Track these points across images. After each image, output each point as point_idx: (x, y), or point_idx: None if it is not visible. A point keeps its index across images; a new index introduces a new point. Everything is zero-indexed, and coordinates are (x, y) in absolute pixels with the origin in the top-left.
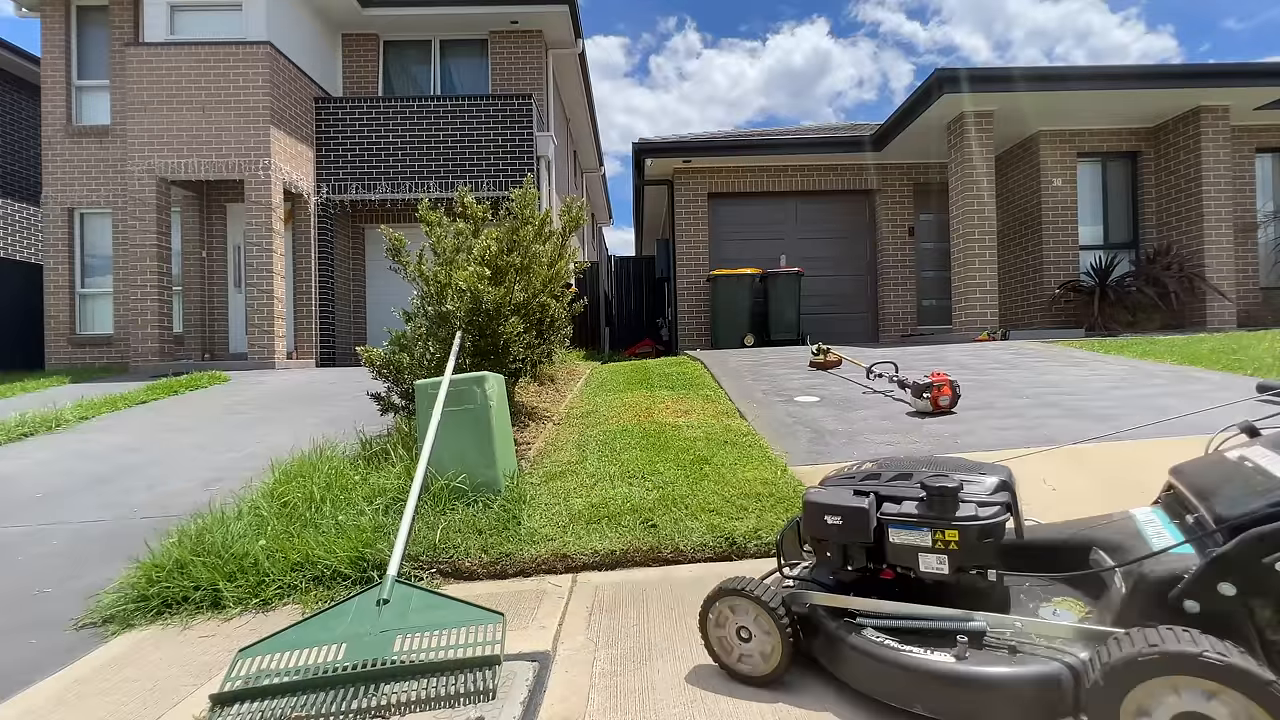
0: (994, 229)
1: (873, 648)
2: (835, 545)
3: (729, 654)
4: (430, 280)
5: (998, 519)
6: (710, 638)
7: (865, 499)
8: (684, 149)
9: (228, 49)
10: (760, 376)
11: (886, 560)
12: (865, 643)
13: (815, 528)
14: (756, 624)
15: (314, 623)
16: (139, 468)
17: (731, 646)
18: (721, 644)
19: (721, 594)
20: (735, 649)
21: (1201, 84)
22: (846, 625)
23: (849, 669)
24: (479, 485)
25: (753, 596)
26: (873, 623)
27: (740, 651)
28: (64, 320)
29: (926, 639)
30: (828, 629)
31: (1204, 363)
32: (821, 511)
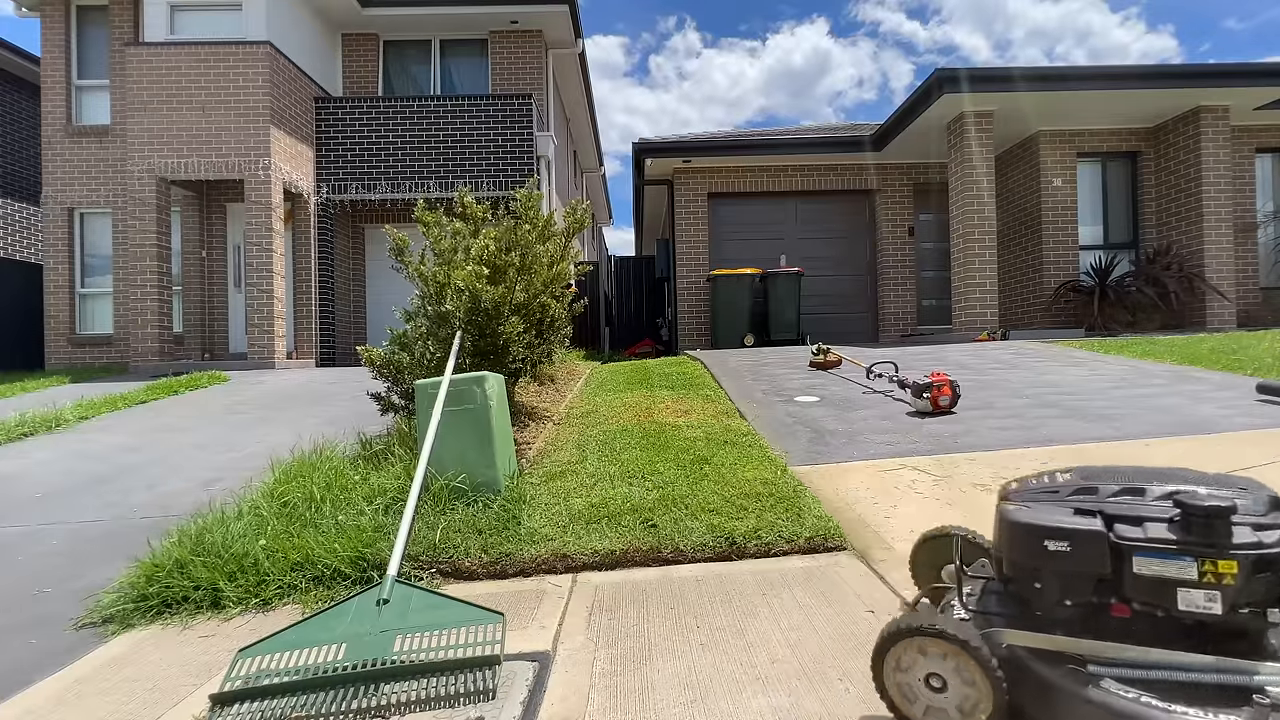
0: (994, 229)
1: (1127, 706)
2: (1051, 576)
3: (912, 704)
4: (430, 280)
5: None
6: (888, 684)
7: (1093, 519)
8: (684, 149)
9: (228, 49)
10: (760, 376)
11: (1124, 595)
12: (1113, 699)
13: (1029, 555)
14: (957, 673)
15: (314, 623)
16: (139, 467)
17: (916, 697)
18: (903, 691)
19: (906, 633)
20: (921, 699)
21: (1201, 84)
22: (1074, 674)
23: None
24: (479, 485)
25: (953, 639)
26: (1113, 672)
27: (928, 704)
28: (64, 320)
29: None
30: (1043, 677)
31: (1204, 363)
32: (1039, 536)
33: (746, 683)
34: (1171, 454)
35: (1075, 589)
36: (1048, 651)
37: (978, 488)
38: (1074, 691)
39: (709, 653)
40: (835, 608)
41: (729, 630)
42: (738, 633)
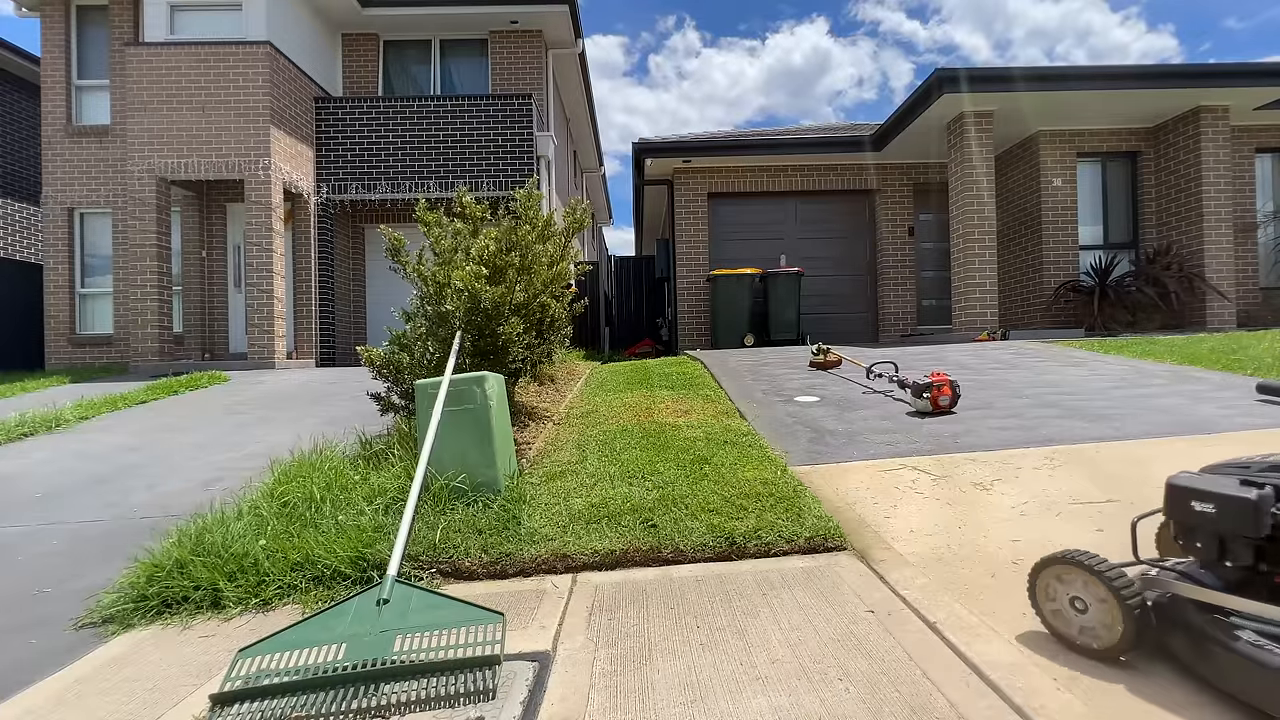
0: (994, 229)
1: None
2: (1209, 537)
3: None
4: (429, 280)
5: None
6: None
7: (1254, 490)
8: (684, 149)
9: (227, 49)
10: (760, 376)
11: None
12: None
13: (1179, 514)
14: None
15: (314, 623)
16: (139, 467)
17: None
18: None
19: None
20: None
21: (1201, 84)
22: (1221, 624)
23: (1223, 671)
24: (479, 485)
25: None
26: (1256, 626)
27: (1077, 623)
28: (64, 320)
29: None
30: (1196, 625)
31: (1204, 363)
32: (1187, 497)
33: (746, 683)
34: (1171, 454)
35: (1235, 552)
36: (1206, 604)
37: (978, 487)
38: (1218, 638)
39: (709, 653)
40: (835, 608)
41: (729, 630)
42: (738, 633)
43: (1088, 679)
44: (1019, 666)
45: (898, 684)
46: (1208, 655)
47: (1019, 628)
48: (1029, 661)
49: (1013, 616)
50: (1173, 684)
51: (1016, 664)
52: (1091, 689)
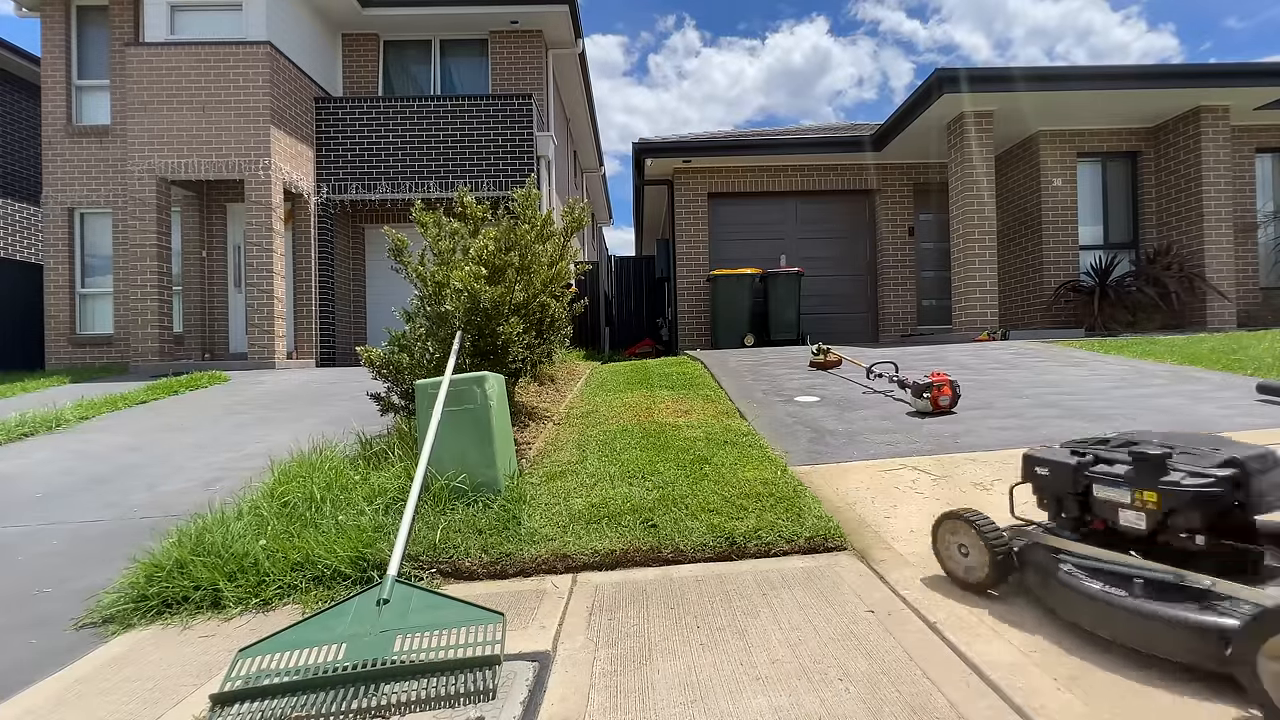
0: (994, 229)
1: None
2: (1050, 495)
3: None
4: (429, 280)
5: (1205, 490)
6: (939, 547)
7: (1076, 458)
8: (684, 149)
9: (228, 49)
10: (760, 376)
11: (1093, 513)
12: (1066, 578)
13: (1031, 478)
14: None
15: (314, 623)
16: (139, 467)
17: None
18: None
19: (946, 519)
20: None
21: (1201, 84)
22: (1053, 562)
23: (1054, 598)
24: (479, 485)
25: (970, 524)
26: (1074, 561)
27: (960, 564)
28: (64, 320)
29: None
30: (1039, 563)
31: (1204, 363)
32: (1032, 464)
33: (746, 683)
34: None
35: (1066, 506)
36: (1044, 546)
37: (978, 487)
38: (1050, 570)
39: (709, 653)
40: (835, 608)
41: (729, 630)
42: (738, 633)
43: (1088, 679)
44: (1019, 666)
45: (898, 684)
46: (1045, 586)
47: (1019, 626)
48: (1029, 661)
49: (1012, 615)
50: (1176, 682)
51: (1016, 664)
52: (1092, 689)
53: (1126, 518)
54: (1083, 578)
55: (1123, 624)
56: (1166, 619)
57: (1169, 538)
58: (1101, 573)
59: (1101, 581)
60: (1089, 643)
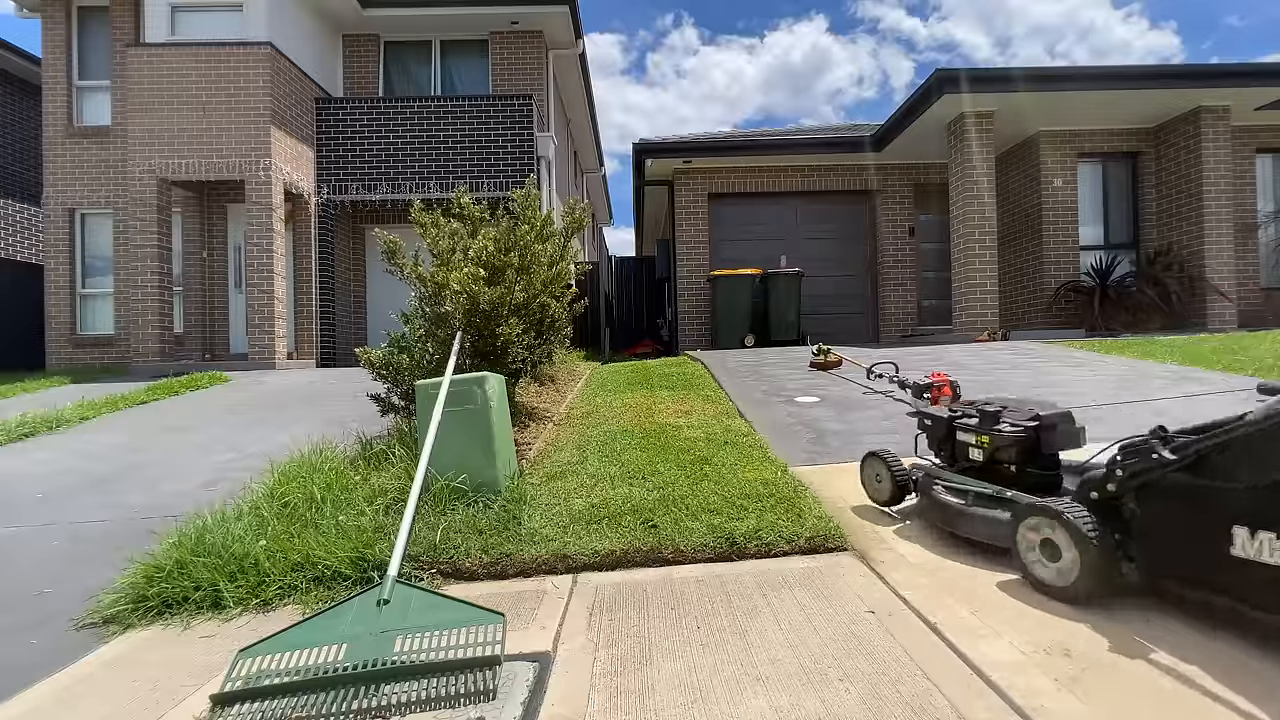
0: (994, 229)
1: (941, 498)
2: (933, 439)
3: (873, 489)
4: (427, 281)
5: (1016, 435)
6: (864, 478)
7: (949, 413)
8: (684, 149)
9: (228, 49)
10: (760, 377)
11: (954, 451)
12: (938, 494)
13: (920, 427)
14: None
15: (314, 623)
16: (140, 468)
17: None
18: (869, 483)
19: (869, 456)
20: (875, 488)
21: (1202, 84)
22: (933, 485)
23: (932, 511)
24: (479, 485)
25: (882, 459)
26: (944, 482)
27: (876, 488)
28: (65, 320)
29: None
30: (925, 487)
31: (1205, 363)
32: (923, 417)
33: (747, 683)
34: None
35: (942, 448)
36: (931, 475)
37: None
38: (927, 490)
39: (709, 653)
40: (836, 608)
41: (729, 631)
42: (738, 633)
43: (1089, 679)
44: (1019, 666)
45: (898, 684)
46: (930, 504)
47: (1018, 626)
48: (1029, 661)
49: (1013, 615)
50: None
51: (1017, 664)
52: (1092, 688)
53: (973, 454)
54: (945, 494)
55: (964, 522)
56: (984, 517)
57: (998, 466)
58: (957, 490)
59: (956, 496)
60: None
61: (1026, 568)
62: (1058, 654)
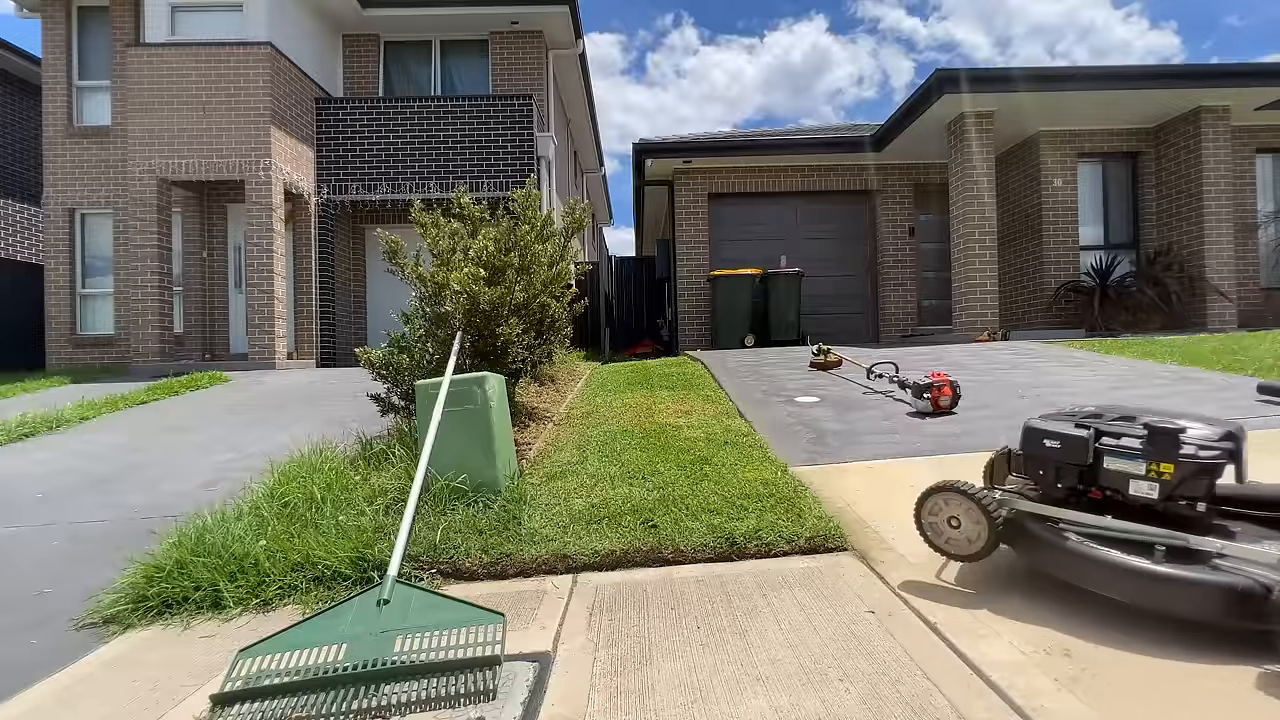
0: (994, 229)
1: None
2: (1050, 466)
3: (948, 537)
4: (427, 281)
5: (1214, 461)
6: (926, 523)
7: (1087, 430)
8: (684, 149)
9: (228, 49)
10: (761, 377)
11: (1099, 483)
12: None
13: (1033, 449)
14: (967, 515)
15: (314, 623)
16: (140, 468)
17: (941, 530)
18: (938, 528)
19: (937, 490)
20: (951, 534)
21: (1202, 84)
22: (1052, 529)
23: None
24: (479, 485)
25: (964, 495)
26: (1077, 530)
27: (953, 535)
28: (65, 320)
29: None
30: (1033, 531)
31: (1205, 363)
32: (1041, 436)
33: (747, 683)
34: None
35: (1065, 476)
36: (1040, 515)
37: None
38: (1048, 539)
39: (709, 653)
40: (836, 608)
41: (729, 631)
42: (738, 633)
43: (1089, 679)
44: (1019, 666)
45: (898, 684)
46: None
47: (1019, 625)
48: (1029, 662)
49: (1013, 614)
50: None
51: (1017, 664)
52: (1092, 688)
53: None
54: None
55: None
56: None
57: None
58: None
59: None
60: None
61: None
62: (1058, 654)
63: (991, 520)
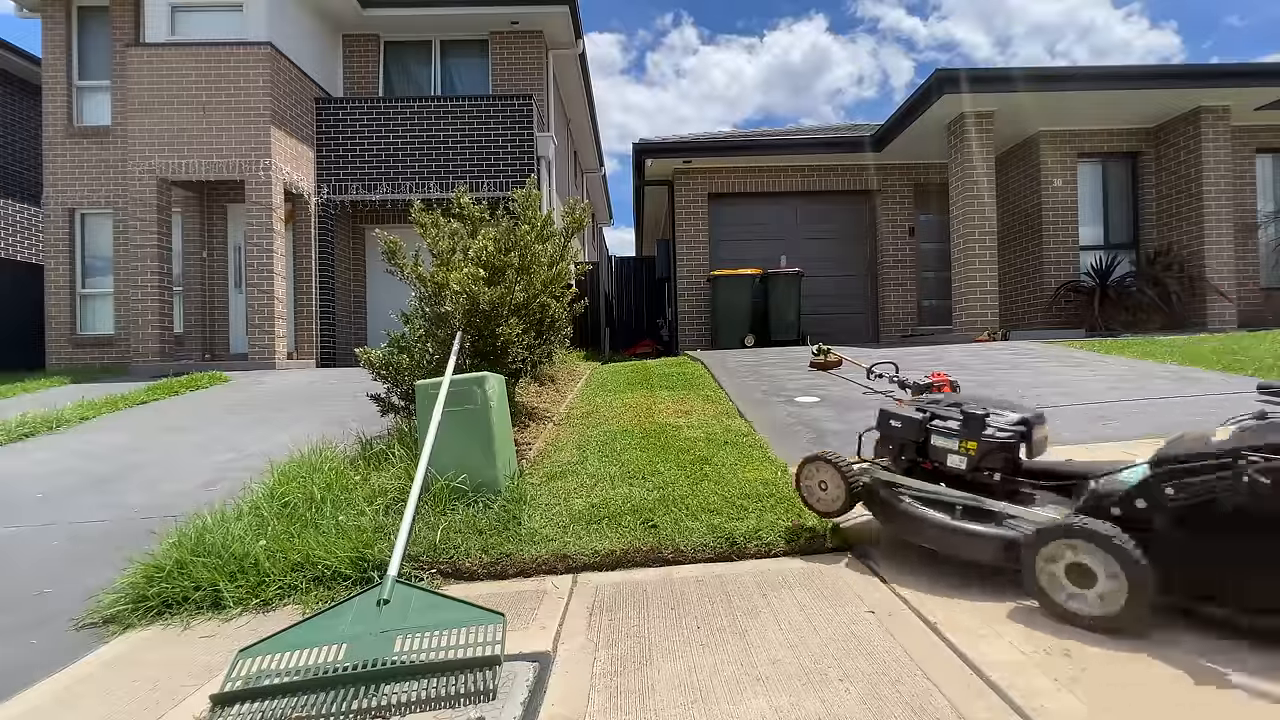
0: (994, 229)
1: (908, 508)
2: (896, 442)
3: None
4: (427, 281)
5: (1008, 440)
6: (803, 485)
7: (923, 414)
8: (684, 149)
9: (228, 49)
10: (760, 377)
11: (929, 457)
12: (906, 506)
13: (884, 429)
14: (833, 480)
15: (314, 623)
16: (140, 468)
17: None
18: (811, 491)
19: (811, 460)
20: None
21: (1202, 84)
22: (893, 493)
23: (894, 522)
24: (479, 485)
25: (830, 464)
26: (910, 494)
27: (820, 497)
28: (65, 320)
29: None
30: (882, 496)
31: (1205, 363)
32: (889, 418)
33: (747, 683)
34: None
35: (906, 451)
36: (886, 482)
37: None
38: (891, 502)
39: (709, 653)
40: (836, 608)
41: (729, 631)
42: (738, 633)
43: (1088, 679)
44: (1019, 666)
45: (898, 684)
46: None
47: (1018, 624)
48: (1029, 661)
49: (1013, 613)
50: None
51: (1016, 664)
52: (1091, 688)
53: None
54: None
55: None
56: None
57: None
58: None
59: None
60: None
61: (1046, 593)
62: (1058, 654)
63: (849, 485)
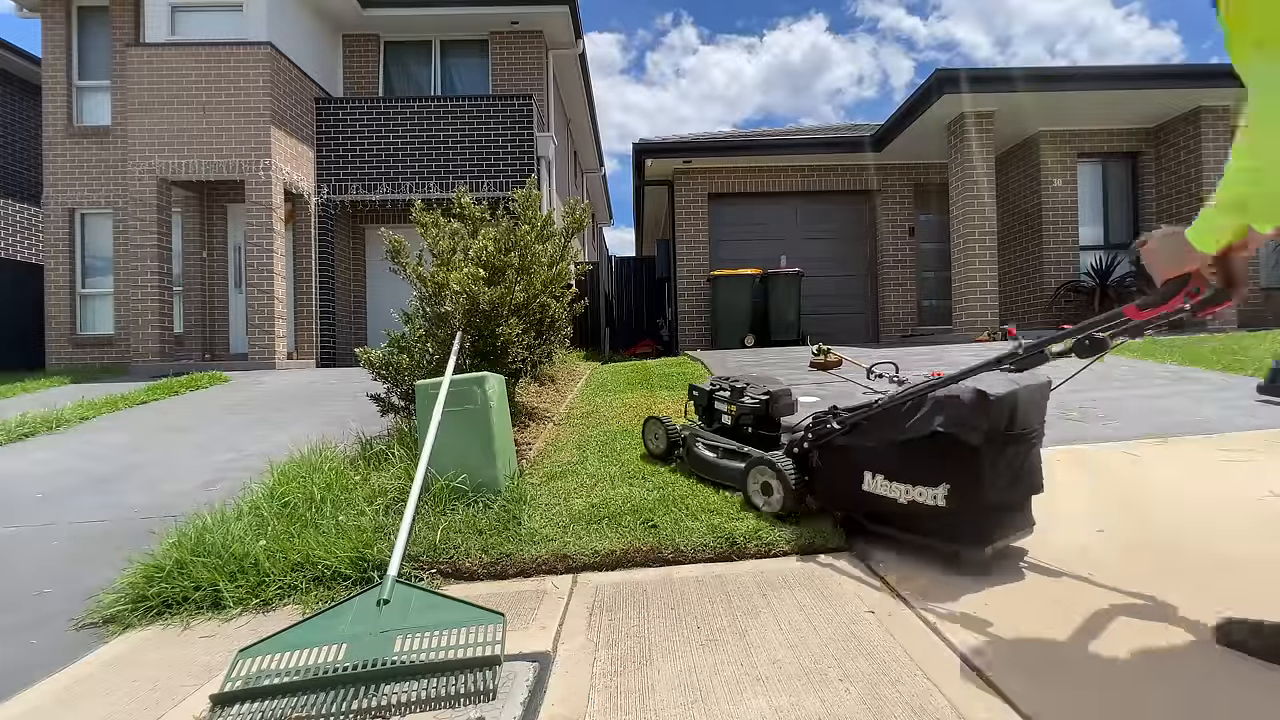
0: (994, 229)
1: (699, 451)
2: (699, 406)
3: (652, 445)
4: (428, 281)
5: (754, 406)
6: (645, 437)
7: (711, 387)
8: (684, 149)
9: (228, 49)
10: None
11: (716, 417)
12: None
13: (692, 397)
14: (665, 434)
15: (314, 623)
16: (140, 468)
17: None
18: (650, 440)
19: (649, 420)
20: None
21: (1202, 84)
22: (694, 441)
23: (691, 461)
24: (479, 485)
25: (661, 422)
26: (702, 441)
27: (654, 444)
28: (64, 320)
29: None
30: (689, 444)
31: (1205, 363)
32: (693, 390)
33: (747, 683)
34: (1173, 454)
35: (704, 413)
36: (693, 433)
37: None
38: (690, 447)
39: (709, 653)
40: (836, 608)
41: (729, 631)
42: (738, 633)
43: (1088, 678)
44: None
45: (898, 684)
46: (692, 457)
47: (1018, 625)
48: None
49: (1013, 612)
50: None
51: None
52: (1090, 688)
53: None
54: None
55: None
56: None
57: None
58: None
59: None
60: None
61: (749, 498)
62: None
63: (669, 435)
